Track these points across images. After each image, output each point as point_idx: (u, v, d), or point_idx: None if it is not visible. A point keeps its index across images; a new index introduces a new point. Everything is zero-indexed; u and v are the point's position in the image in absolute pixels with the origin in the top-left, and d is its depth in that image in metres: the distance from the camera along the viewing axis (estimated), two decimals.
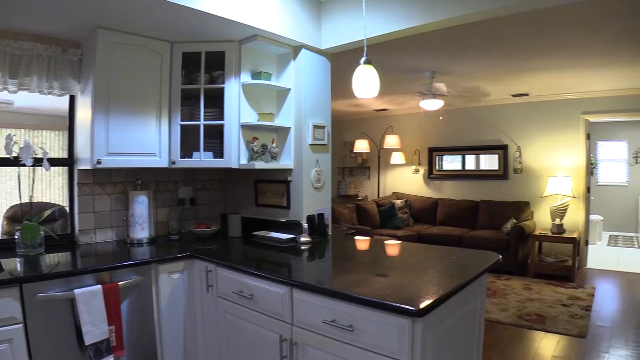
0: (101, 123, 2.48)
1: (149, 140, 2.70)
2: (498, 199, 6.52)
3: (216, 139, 2.86)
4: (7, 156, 2.34)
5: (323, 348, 1.74)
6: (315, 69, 3.02)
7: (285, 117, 3.00)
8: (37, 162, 2.41)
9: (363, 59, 2.20)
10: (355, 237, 3.11)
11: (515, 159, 6.52)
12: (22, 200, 2.44)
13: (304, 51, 2.93)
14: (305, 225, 2.83)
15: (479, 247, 4.62)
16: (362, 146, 7.70)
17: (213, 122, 2.80)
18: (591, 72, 4.82)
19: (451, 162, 7.39)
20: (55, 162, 2.72)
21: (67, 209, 2.81)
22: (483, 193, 6.78)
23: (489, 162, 6.90)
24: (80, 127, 2.72)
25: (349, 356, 1.64)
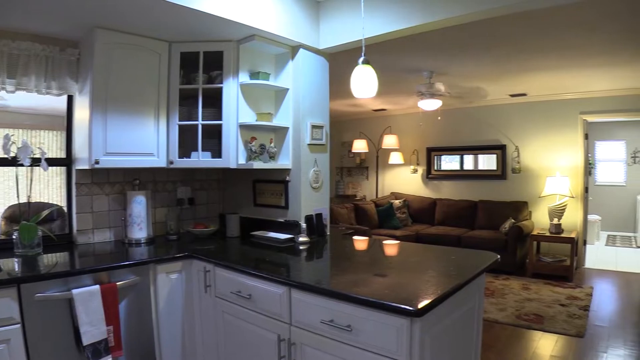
0: (99, 123, 2.48)
1: (147, 140, 2.70)
2: (496, 199, 6.53)
3: (214, 139, 2.86)
4: (5, 156, 2.34)
5: (321, 348, 1.74)
6: (313, 69, 3.02)
7: (283, 117, 3.00)
8: (35, 162, 2.40)
9: (361, 59, 2.20)
10: (353, 237, 3.11)
11: (513, 159, 6.53)
12: (20, 200, 2.44)
13: (302, 51, 2.93)
14: (303, 225, 2.83)
15: (478, 247, 4.63)
16: (361, 146, 7.70)
17: (211, 122, 2.80)
18: (589, 72, 4.83)
19: (449, 162, 7.40)
20: (53, 162, 2.71)
21: (65, 209, 2.80)
22: (481, 193, 6.79)
23: (487, 162, 6.91)
24: (78, 127, 2.71)
25: (347, 356, 1.64)
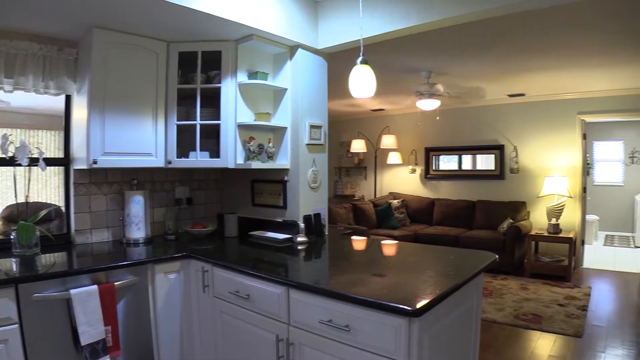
0: (97, 123, 2.47)
1: (145, 140, 2.70)
2: (494, 199, 6.54)
3: (213, 139, 2.85)
4: (3, 156, 2.33)
5: (320, 348, 1.74)
6: (311, 69, 3.02)
7: (281, 117, 3.00)
8: (33, 162, 2.40)
9: (360, 59, 2.20)
10: (351, 237, 3.11)
11: (511, 159, 6.54)
12: (18, 200, 2.43)
13: (301, 51, 2.93)
14: (301, 225, 2.83)
15: (476, 247, 4.63)
16: (359, 146, 7.70)
17: (209, 122, 2.80)
18: (588, 73, 4.83)
19: (448, 162, 7.41)
20: (51, 162, 2.71)
21: (63, 209, 2.80)
22: (479, 193, 6.79)
23: (486, 162, 6.92)
24: (76, 127, 2.71)
25: (346, 356, 1.64)
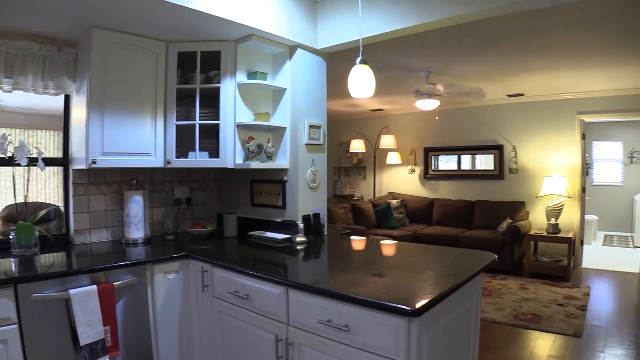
0: (96, 123, 2.47)
1: (144, 140, 2.70)
2: (494, 199, 6.54)
3: (212, 139, 2.85)
4: (2, 156, 2.32)
5: (319, 348, 1.74)
6: (311, 69, 3.02)
7: (281, 117, 3.00)
8: (32, 162, 2.40)
9: (359, 59, 2.21)
10: (351, 237, 3.11)
11: (510, 159, 6.54)
12: (17, 200, 2.43)
13: (300, 51, 2.93)
14: (301, 225, 2.83)
15: (475, 247, 4.64)
16: (358, 146, 7.70)
17: (209, 122, 2.80)
18: (587, 73, 4.84)
19: (447, 162, 7.41)
20: (50, 162, 2.70)
21: (62, 209, 2.80)
22: (479, 193, 6.80)
23: (485, 162, 6.93)
24: (75, 127, 2.71)
25: (345, 356, 1.64)
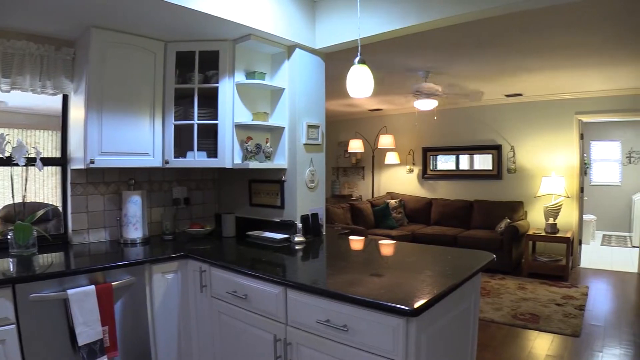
0: (94, 122, 2.47)
1: (143, 139, 2.69)
2: (492, 199, 6.55)
3: (210, 139, 2.85)
4: (0, 156, 2.32)
5: (317, 348, 1.74)
6: (309, 69, 3.02)
7: (279, 117, 3.00)
8: (30, 162, 2.39)
9: (357, 59, 2.20)
10: (349, 237, 3.11)
11: (509, 159, 6.55)
12: (15, 200, 2.42)
13: (298, 51, 2.93)
14: (299, 225, 2.83)
15: (473, 247, 4.65)
16: (356, 146, 7.70)
17: (207, 122, 2.80)
18: (585, 73, 4.85)
19: (445, 162, 7.42)
20: (48, 162, 2.70)
21: (60, 209, 2.79)
22: (477, 193, 6.80)
23: (483, 162, 6.93)
24: (73, 127, 2.70)
25: (343, 356, 1.64)
